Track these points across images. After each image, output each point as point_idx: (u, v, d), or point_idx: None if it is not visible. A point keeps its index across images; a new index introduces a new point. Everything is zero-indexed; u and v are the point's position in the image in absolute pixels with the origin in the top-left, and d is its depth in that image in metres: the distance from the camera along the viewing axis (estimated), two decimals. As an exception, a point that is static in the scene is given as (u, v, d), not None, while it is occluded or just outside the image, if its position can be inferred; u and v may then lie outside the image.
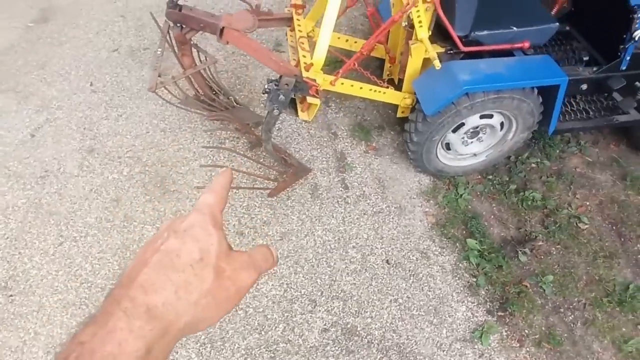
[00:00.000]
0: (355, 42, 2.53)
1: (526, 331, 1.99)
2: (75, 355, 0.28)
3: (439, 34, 2.13)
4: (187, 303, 0.33)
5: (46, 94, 2.87)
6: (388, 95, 2.26)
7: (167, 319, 0.32)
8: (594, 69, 2.23)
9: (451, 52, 2.13)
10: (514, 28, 2.00)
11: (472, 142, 2.36)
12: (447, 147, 2.37)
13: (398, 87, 2.48)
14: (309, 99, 1.87)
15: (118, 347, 0.29)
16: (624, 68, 2.13)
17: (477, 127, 2.26)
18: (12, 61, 3.10)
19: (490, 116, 2.18)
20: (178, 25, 2.05)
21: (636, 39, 1.95)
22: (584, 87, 2.29)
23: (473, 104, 2.00)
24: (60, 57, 3.15)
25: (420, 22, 1.90)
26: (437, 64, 1.82)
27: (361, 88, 2.19)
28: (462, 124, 2.18)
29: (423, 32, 1.93)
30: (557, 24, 2.07)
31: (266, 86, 1.81)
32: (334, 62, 2.85)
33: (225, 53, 3.23)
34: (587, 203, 2.47)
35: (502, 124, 2.27)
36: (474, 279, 2.10)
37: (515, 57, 2.07)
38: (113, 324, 0.30)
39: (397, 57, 2.40)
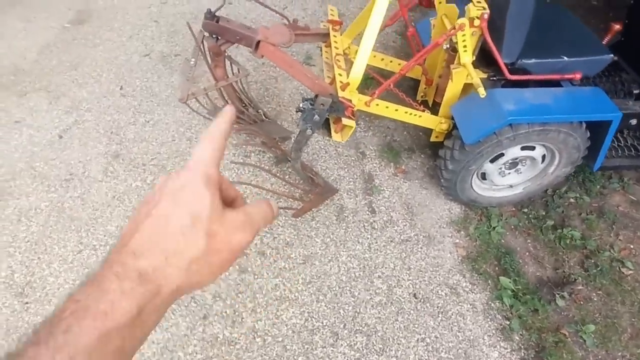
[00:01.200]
0: (391, 61, 2.45)
1: (562, 384, 1.84)
2: (71, 311, 0.29)
3: (481, 58, 2.03)
4: (178, 269, 0.33)
5: (77, 95, 2.87)
6: (424, 119, 2.16)
7: (157, 283, 0.33)
8: (647, 103, 2.09)
9: (494, 78, 2.02)
10: (565, 57, 1.88)
11: (509, 173, 2.24)
12: (483, 176, 2.25)
13: (431, 109, 2.38)
14: (345, 121, 1.79)
15: (111, 306, 0.30)
16: (680, 105, 1.99)
17: (516, 159, 2.14)
18: (46, 60, 3.13)
19: (533, 148, 2.06)
20: (213, 36, 2.00)
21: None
22: (634, 122, 2.15)
23: (516, 135, 1.89)
24: (92, 59, 3.17)
25: (465, 46, 1.80)
26: (481, 91, 1.72)
27: (396, 110, 2.10)
28: (502, 155, 2.06)
29: (467, 56, 1.84)
30: (612, 55, 1.95)
31: (301, 105, 1.74)
32: (366, 79, 2.78)
33: (255, 64, 3.20)
34: (631, 246, 2.30)
35: (543, 157, 2.14)
36: (507, 322, 1.96)
37: (563, 87, 1.95)
38: (106, 285, 0.31)
39: (434, 80, 2.30)
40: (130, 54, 3.24)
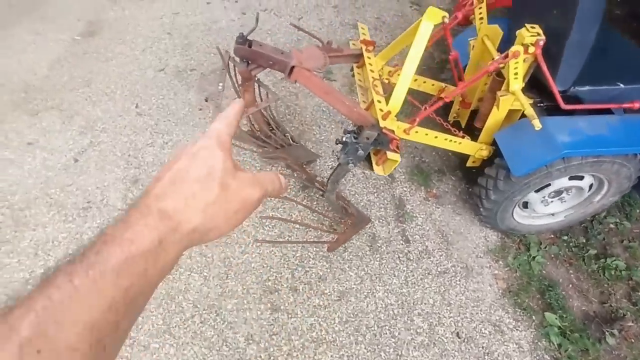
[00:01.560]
0: (424, 82, 2.33)
1: None
2: (101, 241, 0.34)
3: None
4: (195, 210, 0.38)
5: (91, 114, 2.75)
6: (464, 145, 2.05)
7: (177, 220, 0.37)
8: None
9: (541, 105, 1.91)
10: (621, 85, 1.77)
11: (552, 201, 2.12)
12: (524, 205, 2.14)
13: (465, 130, 2.25)
14: (390, 155, 1.67)
15: (135, 235, 0.35)
16: None
17: (562, 188, 2.03)
18: (58, 76, 3.00)
19: (581, 177, 1.95)
20: (244, 60, 1.88)
21: None
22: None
23: (567, 167, 1.78)
24: (105, 75, 3.05)
25: (516, 73, 1.69)
26: (537, 124, 1.60)
27: (436, 137, 1.99)
28: (548, 185, 1.95)
29: (517, 84, 1.72)
30: (668, 81, 1.83)
31: (344, 138, 1.62)
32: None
33: (273, 79, 3.09)
34: (679, 277, 2.19)
35: (590, 185, 2.03)
36: (557, 364, 1.86)
37: (617, 116, 1.84)
38: (131, 221, 0.36)
39: (473, 103, 2.19)
40: (145, 68, 3.12)
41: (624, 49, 1.92)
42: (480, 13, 1.94)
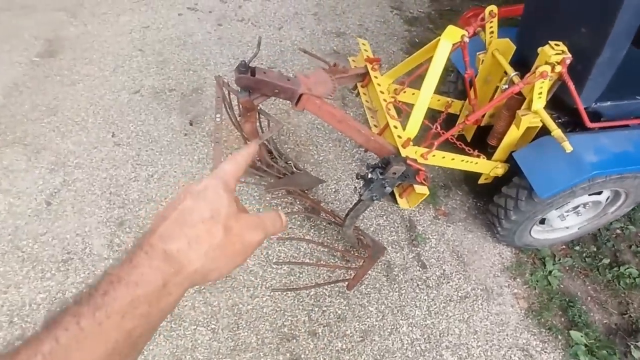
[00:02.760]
0: (432, 98, 2.21)
1: None
2: (107, 281, 0.34)
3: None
4: (198, 253, 0.38)
5: (61, 147, 2.45)
6: (480, 165, 1.96)
7: (180, 262, 0.37)
8: None
9: (559, 120, 1.85)
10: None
11: (569, 215, 2.08)
12: (541, 221, 2.08)
13: (468, 143, 2.15)
14: (418, 189, 1.55)
15: (140, 277, 0.35)
16: None
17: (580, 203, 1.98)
18: (17, 105, 2.66)
19: (600, 192, 1.91)
20: (246, 90, 1.69)
21: None
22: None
23: (592, 185, 1.72)
24: (73, 100, 2.74)
25: (540, 93, 1.61)
26: (567, 147, 1.52)
27: (453, 159, 1.88)
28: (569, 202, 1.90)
29: (541, 103, 1.65)
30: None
31: (369, 174, 1.47)
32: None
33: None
34: (689, 281, 2.22)
35: (606, 198, 2.00)
36: (592, 387, 1.81)
37: (635, 130, 1.80)
38: (137, 261, 0.36)
39: (485, 120, 2.10)
40: (117, 91, 2.83)
41: (636, 61, 1.88)
42: (491, 27, 1.85)
